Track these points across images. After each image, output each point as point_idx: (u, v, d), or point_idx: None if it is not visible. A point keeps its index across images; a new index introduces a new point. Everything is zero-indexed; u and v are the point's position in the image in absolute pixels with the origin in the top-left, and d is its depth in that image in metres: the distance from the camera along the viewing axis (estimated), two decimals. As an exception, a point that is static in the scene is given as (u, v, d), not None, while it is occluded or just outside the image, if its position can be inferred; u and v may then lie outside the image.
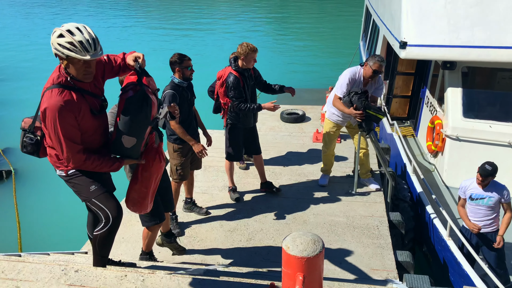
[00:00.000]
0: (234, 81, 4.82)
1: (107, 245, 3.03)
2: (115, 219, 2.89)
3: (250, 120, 5.19)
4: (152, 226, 3.71)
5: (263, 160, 6.46)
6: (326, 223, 4.91)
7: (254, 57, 4.81)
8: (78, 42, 2.53)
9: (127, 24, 26.73)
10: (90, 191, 2.85)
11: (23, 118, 2.93)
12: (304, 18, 28.69)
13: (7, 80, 16.15)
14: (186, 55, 4.37)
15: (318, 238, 2.32)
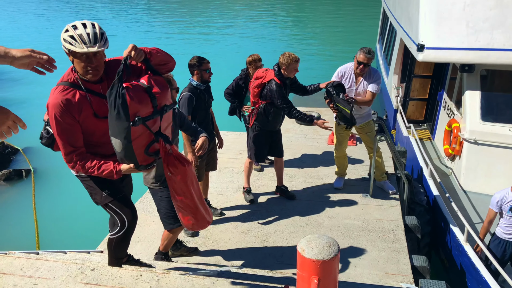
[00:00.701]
0: (279, 89, 4.77)
1: (122, 248, 3.07)
2: (131, 223, 2.93)
3: (278, 124, 5.20)
4: (175, 228, 3.74)
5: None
6: (341, 226, 4.88)
7: (296, 67, 4.78)
8: (78, 35, 2.49)
9: (144, 29, 27.00)
10: (103, 196, 2.86)
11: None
12: (320, 21, 28.61)
13: (28, 80, 16.44)
14: (205, 58, 4.40)
15: (333, 241, 2.31)
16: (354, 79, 5.12)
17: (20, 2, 41.53)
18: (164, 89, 2.64)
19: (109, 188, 2.88)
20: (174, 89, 3.72)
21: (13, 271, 2.90)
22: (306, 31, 25.10)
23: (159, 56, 2.72)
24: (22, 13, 34.84)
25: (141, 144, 2.56)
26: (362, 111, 5.33)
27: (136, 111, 2.47)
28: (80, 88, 2.64)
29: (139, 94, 2.50)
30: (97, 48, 2.50)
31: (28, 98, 14.22)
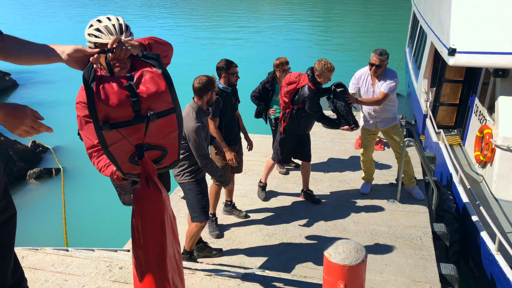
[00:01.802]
0: (312, 95, 4.76)
1: None
2: None
3: (308, 129, 5.20)
4: (202, 221, 3.80)
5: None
6: (367, 231, 4.82)
7: (328, 76, 4.75)
8: (104, 27, 2.36)
9: (174, 33, 27.38)
10: (132, 198, 2.90)
11: None
12: (348, 24, 28.39)
13: (59, 81, 16.91)
14: (233, 61, 4.43)
15: (361, 247, 2.29)
16: (371, 82, 5.09)
17: (49, 8, 42.79)
18: (158, 89, 2.05)
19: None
20: (215, 92, 3.76)
21: (45, 266, 2.98)
22: (334, 35, 24.95)
23: (160, 47, 2.42)
24: (51, 17, 35.87)
25: (122, 151, 2.13)
26: (384, 115, 5.25)
27: (104, 113, 1.98)
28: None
29: (113, 92, 1.99)
30: (124, 38, 2.36)
31: (59, 99, 14.62)
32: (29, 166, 9.84)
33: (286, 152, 5.24)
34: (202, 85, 3.67)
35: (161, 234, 2.12)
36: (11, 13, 38.61)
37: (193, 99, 3.75)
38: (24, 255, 3.07)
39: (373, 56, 4.93)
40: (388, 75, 5.02)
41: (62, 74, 17.90)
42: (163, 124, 2.11)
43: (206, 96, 3.70)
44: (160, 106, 2.05)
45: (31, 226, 7.48)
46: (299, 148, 5.29)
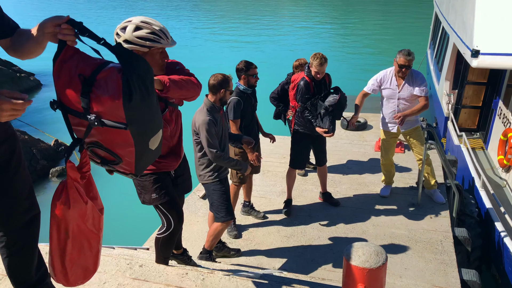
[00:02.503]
0: (303, 86, 4.76)
1: (168, 247, 3.16)
2: (177, 225, 3.03)
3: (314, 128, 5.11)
4: (226, 221, 3.83)
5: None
6: (386, 235, 4.77)
7: (320, 70, 4.66)
8: (159, 30, 2.39)
9: (193, 35, 27.58)
10: (152, 198, 2.95)
11: None
12: (368, 25, 28.15)
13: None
14: (253, 63, 4.44)
15: (381, 250, 2.27)
16: (396, 83, 4.99)
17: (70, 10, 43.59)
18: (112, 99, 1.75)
19: (160, 189, 2.94)
20: (229, 91, 3.78)
21: (67, 263, 3.04)
22: (353, 35, 24.77)
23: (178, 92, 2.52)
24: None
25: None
26: (406, 117, 5.17)
27: (59, 91, 1.84)
28: None
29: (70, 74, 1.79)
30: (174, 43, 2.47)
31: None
32: (51, 164, 10.05)
33: (299, 154, 5.15)
34: (217, 83, 3.70)
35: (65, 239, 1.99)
36: (35, 15, 39.48)
37: (206, 96, 3.78)
38: (47, 251, 3.13)
39: (400, 57, 4.80)
40: (414, 76, 4.95)
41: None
42: (113, 135, 1.86)
43: (220, 93, 3.73)
44: (111, 116, 1.79)
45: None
46: (314, 152, 5.25)
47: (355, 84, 14.71)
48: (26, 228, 2.25)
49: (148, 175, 2.93)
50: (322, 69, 4.64)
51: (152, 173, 2.92)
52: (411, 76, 4.94)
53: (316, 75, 4.68)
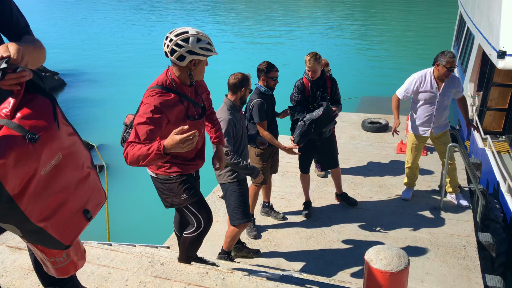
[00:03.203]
0: (298, 85, 4.79)
1: (195, 247, 3.19)
2: (206, 225, 3.06)
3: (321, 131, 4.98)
4: (242, 224, 3.83)
5: (343, 169, 6.37)
6: (408, 238, 4.71)
7: (312, 68, 4.60)
8: (210, 42, 2.73)
9: (215, 38, 27.72)
10: (182, 199, 2.98)
11: (127, 114, 3.16)
12: (390, 26, 27.83)
13: (104, 80, 17.50)
14: (275, 65, 4.42)
15: (403, 253, 2.24)
16: (436, 85, 4.86)
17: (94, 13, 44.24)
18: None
19: (189, 190, 2.98)
20: (249, 89, 3.79)
21: (91, 259, 3.10)
22: (374, 36, 24.52)
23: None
24: (98, 20, 37.10)
25: None
26: (440, 120, 5.06)
27: None
28: (175, 92, 2.75)
29: None
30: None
31: (104, 98, 15.12)
32: (75, 163, 10.24)
33: (303, 158, 5.11)
34: (237, 81, 3.71)
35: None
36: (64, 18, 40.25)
37: (226, 96, 3.80)
38: (71, 248, 3.20)
39: (447, 59, 4.65)
40: (451, 78, 4.88)
41: (107, 73, 18.52)
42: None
43: (240, 92, 3.74)
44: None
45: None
46: (321, 156, 5.21)
47: (376, 86, 14.58)
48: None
49: (175, 177, 2.97)
50: (314, 67, 4.61)
51: (180, 174, 2.97)
52: (449, 78, 4.86)
53: (311, 74, 4.67)
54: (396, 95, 5.12)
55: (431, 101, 4.93)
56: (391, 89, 15.17)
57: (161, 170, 2.97)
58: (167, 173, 2.96)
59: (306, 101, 4.82)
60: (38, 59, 1.86)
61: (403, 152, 6.94)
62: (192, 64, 2.73)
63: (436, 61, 4.78)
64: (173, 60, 2.71)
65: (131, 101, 13.36)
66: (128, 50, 22.81)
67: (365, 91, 13.85)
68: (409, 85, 4.97)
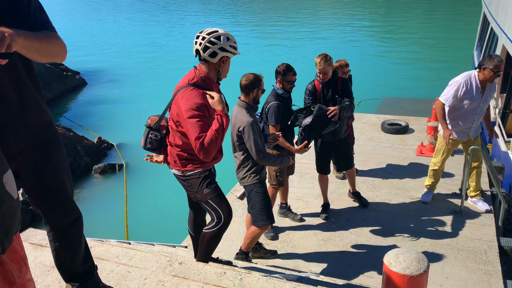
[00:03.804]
0: (309, 88, 4.80)
1: (214, 243, 3.21)
2: (226, 219, 3.10)
3: (328, 134, 4.90)
4: (265, 225, 3.83)
5: (362, 171, 6.33)
6: (427, 242, 4.64)
7: (323, 70, 4.58)
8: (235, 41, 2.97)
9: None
10: (204, 193, 3.06)
11: (150, 116, 3.22)
12: (411, 26, 27.48)
13: (124, 80, 17.72)
14: (293, 69, 4.38)
15: (423, 257, 2.21)
16: (480, 90, 4.70)
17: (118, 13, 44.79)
18: None
19: (210, 184, 3.08)
20: (260, 90, 3.78)
21: (110, 257, 3.14)
22: (396, 35, 24.23)
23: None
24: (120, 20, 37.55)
25: None
26: (477, 123, 4.90)
27: None
28: (206, 89, 2.96)
29: None
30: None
31: (123, 97, 15.31)
32: (94, 161, 10.41)
33: (321, 160, 5.10)
34: (249, 83, 3.69)
35: None
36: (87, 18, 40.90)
37: (239, 98, 3.80)
38: (92, 246, 3.24)
39: (496, 63, 4.51)
40: (494, 84, 4.79)
41: (127, 73, 18.76)
42: None
43: (253, 93, 3.73)
44: None
45: (94, 217, 7.89)
46: (337, 157, 5.19)
47: (396, 87, 14.41)
48: (69, 227, 2.36)
49: (196, 173, 3.07)
50: (325, 69, 4.58)
51: (201, 170, 3.08)
52: None
53: (322, 77, 4.65)
54: (441, 102, 4.81)
55: (474, 105, 4.74)
56: (412, 90, 15.03)
57: (183, 167, 3.08)
58: (189, 169, 3.07)
59: (318, 100, 4.81)
60: (46, 50, 1.87)
61: (423, 154, 6.85)
62: (221, 61, 2.94)
63: (482, 64, 4.62)
64: (205, 57, 2.90)
65: (151, 101, 13.51)
66: (148, 51, 23.07)
67: (385, 92, 13.71)
68: (456, 90, 4.68)
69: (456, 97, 4.69)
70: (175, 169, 3.14)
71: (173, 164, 3.13)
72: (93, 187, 9.52)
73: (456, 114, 4.86)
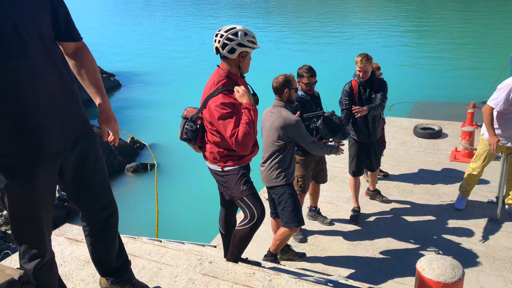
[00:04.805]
0: (346, 88, 4.81)
1: (245, 241, 3.24)
2: (260, 217, 3.12)
3: (364, 135, 4.96)
4: (295, 227, 3.83)
5: (393, 175, 6.25)
6: (461, 250, 4.52)
7: (363, 68, 4.61)
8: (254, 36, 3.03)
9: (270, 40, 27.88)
10: (240, 190, 3.10)
11: (186, 108, 3.30)
12: (446, 28, 26.84)
13: (158, 83, 18.04)
14: (310, 71, 4.34)
15: (458, 264, 2.16)
16: None
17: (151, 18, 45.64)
18: None
19: (247, 182, 3.13)
20: (293, 89, 3.80)
21: (142, 254, 3.21)
22: (430, 38, 23.71)
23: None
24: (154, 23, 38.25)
25: None
26: None
27: None
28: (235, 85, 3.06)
29: None
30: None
31: (157, 99, 15.58)
32: (127, 160, 10.64)
33: (354, 161, 5.08)
34: (279, 85, 3.77)
35: None
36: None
37: (276, 99, 3.86)
38: (125, 242, 3.31)
39: None
40: None
41: (160, 75, 19.10)
42: None
43: (285, 94, 3.78)
44: None
45: (126, 214, 8.05)
46: (369, 159, 5.17)
47: (429, 91, 14.10)
48: (105, 222, 2.43)
49: (234, 169, 3.13)
50: (366, 67, 4.62)
51: (238, 167, 3.14)
52: None
53: (362, 75, 4.66)
54: (489, 106, 4.56)
55: None
56: (445, 94, 14.66)
57: (223, 163, 3.13)
58: (229, 165, 3.13)
59: (354, 103, 4.79)
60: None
61: (458, 160, 6.67)
62: (241, 56, 3.02)
63: None
64: (224, 54, 2.99)
65: (184, 103, 13.67)
66: (182, 53, 23.40)
67: (417, 96, 13.43)
68: (507, 94, 4.41)
69: (507, 101, 4.44)
70: (215, 165, 3.19)
71: (212, 160, 3.20)
72: (125, 185, 9.73)
73: (504, 119, 4.61)
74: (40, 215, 2.10)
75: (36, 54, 1.94)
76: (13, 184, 1.97)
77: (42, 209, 2.11)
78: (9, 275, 2.06)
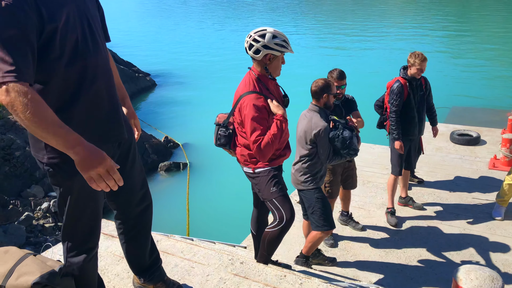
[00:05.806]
0: (397, 88, 4.76)
1: (275, 244, 3.26)
2: (289, 220, 3.13)
3: (414, 130, 4.95)
4: (326, 231, 3.82)
5: (428, 182, 6.11)
6: (498, 261, 4.38)
7: (421, 67, 4.66)
8: (286, 39, 3.02)
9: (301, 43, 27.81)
10: (270, 192, 3.12)
11: (218, 114, 3.36)
12: (486, 32, 25.99)
13: (192, 82, 18.29)
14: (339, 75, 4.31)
15: (497, 276, 2.11)
16: None
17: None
18: None
19: (278, 184, 3.15)
20: (332, 94, 3.76)
21: (175, 252, 3.27)
22: (469, 42, 23.03)
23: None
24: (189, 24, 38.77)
25: None
26: None
27: None
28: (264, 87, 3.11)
29: None
30: None
31: (191, 99, 15.80)
32: (160, 159, 10.84)
33: (403, 158, 5.04)
34: (318, 89, 3.73)
35: None
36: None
37: (311, 103, 3.81)
38: (158, 240, 3.40)
39: None
40: None
41: (195, 76, 19.35)
42: None
43: (323, 98, 3.74)
44: None
45: (158, 212, 8.19)
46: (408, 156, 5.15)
47: (467, 96, 13.69)
48: (140, 216, 2.49)
49: (265, 170, 3.15)
50: (424, 66, 4.67)
51: (269, 168, 3.16)
52: None
53: (419, 73, 4.69)
54: None
55: None
56: (484, 99, 14.24)
57: (254, 165, 3.16)
58: (259, 167, 3.16)
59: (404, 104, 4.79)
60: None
61: (497, 168, 6.46)
62: (267, 59, 3.04)
63: None
64: (251, 55, 3.05)
65: (217, 104, 13.84)
66: (216, 54, 23.63)
67: (455, 101, 13.07)
68: None
69: None
70: (246, 168, 3.23)
71: (244, 162, 3.24)
72: (158, 184, 9.92)
73: None
74: (100, 206, 2.18)
75: (103, 50, 2.05)
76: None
77: (102, 200, 2.19)
78: (50, 267, 2.15)
